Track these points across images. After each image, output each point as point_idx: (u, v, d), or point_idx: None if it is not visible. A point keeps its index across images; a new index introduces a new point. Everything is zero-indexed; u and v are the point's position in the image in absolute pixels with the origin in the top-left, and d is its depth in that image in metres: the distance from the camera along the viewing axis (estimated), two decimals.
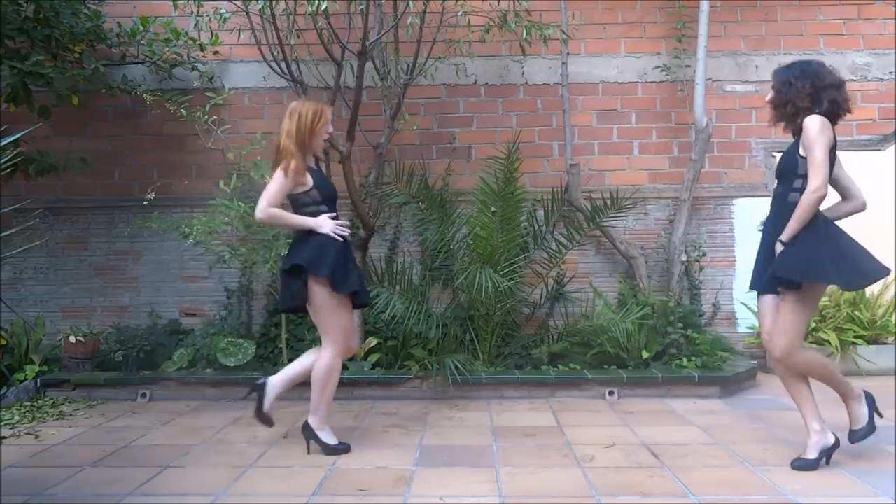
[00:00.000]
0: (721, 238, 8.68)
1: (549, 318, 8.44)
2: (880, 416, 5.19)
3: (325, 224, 5.28)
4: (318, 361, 5.48)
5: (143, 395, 7.47)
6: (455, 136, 8.74)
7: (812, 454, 5.01)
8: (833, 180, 4.94)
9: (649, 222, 8.62)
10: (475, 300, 7.63)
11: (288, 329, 7.96)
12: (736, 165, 8.74)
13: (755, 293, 8.37)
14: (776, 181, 5.12)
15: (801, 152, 4.82)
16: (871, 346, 8.11)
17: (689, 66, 8.53)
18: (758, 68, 8.75)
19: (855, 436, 5.11)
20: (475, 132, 8.73)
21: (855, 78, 8.67)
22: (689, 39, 8.48)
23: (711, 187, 8.70)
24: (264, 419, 5.65)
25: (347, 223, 5.45)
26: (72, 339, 7.85)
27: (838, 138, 4.67)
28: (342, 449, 5.48)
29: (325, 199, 5.41)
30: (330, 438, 5.53)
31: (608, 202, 8.28)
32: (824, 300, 8.20)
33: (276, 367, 7.71)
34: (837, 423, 5.85)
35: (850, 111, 4.91)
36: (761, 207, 8.48)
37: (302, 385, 7.42)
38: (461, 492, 4.61)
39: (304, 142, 5.27)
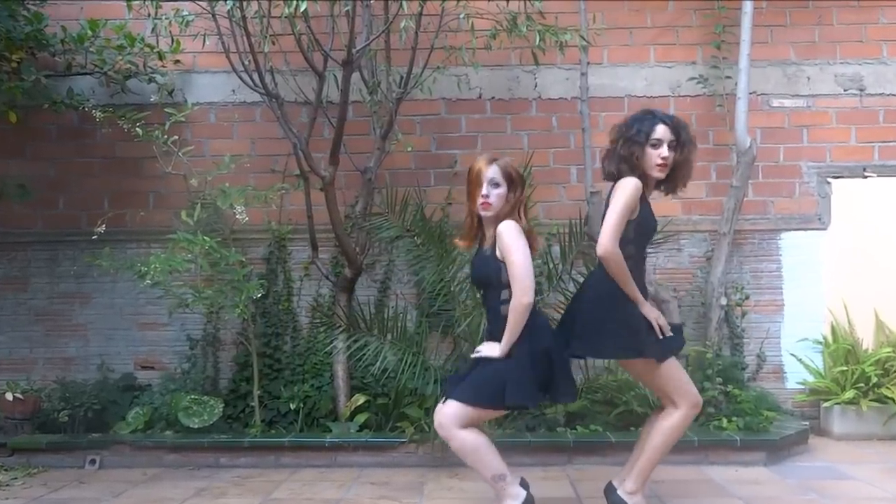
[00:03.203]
0: (767, 278, 8.75)
1: None
2: None
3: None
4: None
5: (93, 462, 7.52)
6: (456, 160, 8.79)
7: None
8: None
9: (683, 260, 8.68)
10: None
11: (261, 385, 8.02)
12: (784, 193, 8.82)
13: (804, 342, 8.47)
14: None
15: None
16: None
17: (729, 77, 8.58)
18: (810, 80, 8.84)
19: None
20: (480, 154, 8.71)
21: None
22: (730, 46, 8.55)
23: (756, 219, 8.79)
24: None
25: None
26: (8, 395, 7.88)
27: None
28: None
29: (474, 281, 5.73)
30: None
31: None
32: (887, 350, 8.30)
33: (247, 428, 7.80)
34: None
35: None
36: (814, 243, 8.56)
37: (277, 450, 7.55)
38: None
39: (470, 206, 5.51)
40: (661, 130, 5.22)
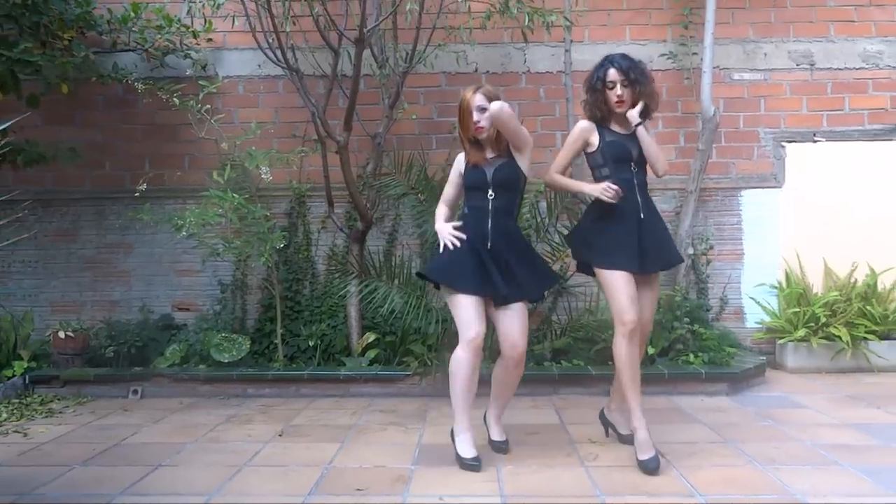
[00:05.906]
0: (729, 230, 8.66)
1: (552, 313, 8.33)
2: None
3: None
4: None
5: (135, 392, 7.47)
6: (455, 126, 8.52)
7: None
8: None
9: None
10: None
11: (283, 324, 7.98)
12: (744, 156, 8.71)
13: (762, 286, 8.40)
14: (630, 166, 5.35)
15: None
16: (882, 342, 8.06)
17: (695, 53, 8.48)
18: (766, 56, 8.72)
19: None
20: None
21: (866, 66, 8.67)
22: (696, 26, 8.43)
23: (719, 178, 8.67)
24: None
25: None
26: (61, 334, 7.82)
27: (849, 128, 4.78)
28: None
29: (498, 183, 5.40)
30: (465, 449, 5.14)
31: None
32: (834, 294, 8.21)
33: (270, 363, 7.74)
34: None
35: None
36: (770, 199, 8.60)
37: (297, 381, 7.46)
38: (462, 491, 4.60)
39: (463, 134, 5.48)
40: (612, 74, 5.21)
